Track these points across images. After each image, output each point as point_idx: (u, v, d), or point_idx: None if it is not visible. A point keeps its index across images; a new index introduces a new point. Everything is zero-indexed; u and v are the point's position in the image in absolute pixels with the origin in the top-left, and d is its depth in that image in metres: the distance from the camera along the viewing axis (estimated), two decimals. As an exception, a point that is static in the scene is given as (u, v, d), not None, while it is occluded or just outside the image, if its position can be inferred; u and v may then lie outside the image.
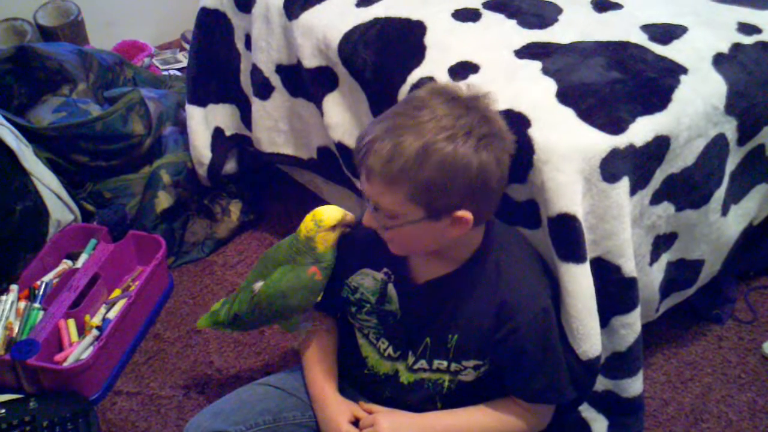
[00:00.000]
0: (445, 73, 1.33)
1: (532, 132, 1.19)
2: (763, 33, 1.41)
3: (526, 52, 1.35)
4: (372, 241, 1.14)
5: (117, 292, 1.71)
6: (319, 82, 1.54)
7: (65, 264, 1.74)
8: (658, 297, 1.40)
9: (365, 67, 1.44)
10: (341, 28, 1.48)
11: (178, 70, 2.47)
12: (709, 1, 1.51)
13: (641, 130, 1.21)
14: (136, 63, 2.41)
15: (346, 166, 1.58)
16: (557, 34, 1.40)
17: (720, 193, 1.37)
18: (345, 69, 1.48)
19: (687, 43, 1.37)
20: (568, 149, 1.17)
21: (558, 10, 1.47)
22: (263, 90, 1.69)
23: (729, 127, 1.33)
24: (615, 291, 1.23)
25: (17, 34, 2.34)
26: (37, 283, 1.68)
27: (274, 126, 1.72)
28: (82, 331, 1.60)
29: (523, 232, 1.27)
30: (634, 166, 1.20)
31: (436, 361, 1.18)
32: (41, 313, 1.61)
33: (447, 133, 0.98)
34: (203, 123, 1.85)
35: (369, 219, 1.09)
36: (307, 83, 1.58)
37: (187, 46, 2.41)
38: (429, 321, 1.17)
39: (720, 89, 1.30)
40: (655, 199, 1.28)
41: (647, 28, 1.40)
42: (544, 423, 1.23)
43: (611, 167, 1.17)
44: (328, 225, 1.17)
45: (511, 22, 1.44)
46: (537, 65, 1.31)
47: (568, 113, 1.22)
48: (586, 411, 1.34)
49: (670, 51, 1.34)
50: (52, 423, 1.43)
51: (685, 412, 1.50)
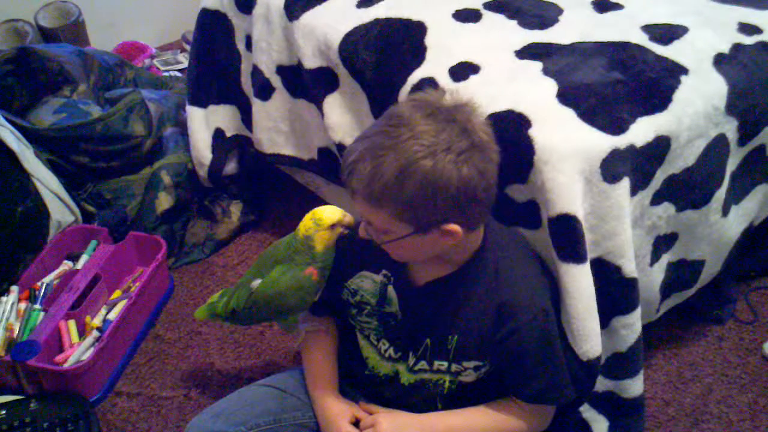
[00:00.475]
0: (446, 73, 1.34)
1: (533, 132, 1.19)
2: (763, 33, 1.41)
3: (527, 53, 1.36)
4: (370, 243, 1.14)
5: (117, 293, 1.71)
6: (319, 83, 1.54)
7: (66, 265, 1.74)
8: (658, 297, 1.40)
9: (366, 68, 1.44)
10: (342, 28, 1.48)
11: (179, 71, 2.47)
12: (710, 1, 1.51)
13: (642, 131, 1.21)
14: (137, 64, 2.41)
15: (346, 167, 1.58)
16: (558, 34, 1.40)
17: (720, 194, 1.37)
18: (345, 70, 1.48)
19: (688, 43, 1.37)
20: (569, 150, 1.17)
21: (559, 11, 1.47)
22: (264, 91, 1.69)
23: (730, 128, 1.33)
24: (615, 291, 1.23)
25: (18, 36, 2.34)
26: (38, 284, 1.68)
27: (275, 127, 1.72)
28: (82, 332, 1.60)
29: (524, 232, 1.27)
30: (634, 166, 1.20)
31: (436, 362, 1.18)
32: (42, 314, 1.61)
33: (426, 150, 0.98)
34: (204, 124, 1.85)
35: (363, 232, 1.11)
36: (307, 84, 1.58)
37: (188, 47, 2.41)
38: (429, 322, 1.17)
39: (721, 89, 1.30)
40: (656, 200, 1.28)
41: (648, 29, 1.40)
42: (545, 424, 1.23)
43: (612, 168, 1.17)
44: (326, 224, 1.18)
45: (512, 23, 1.44)
46: (538, 66, 1.31)
47: (569, 114, 1.22)
48: (587, 411, 1.34)
49: (671, 51, 1.34)
50: (52, 424, 1.43)
51: (686, 412, 1.50)
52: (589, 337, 1.19)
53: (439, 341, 1.17)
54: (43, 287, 1.67)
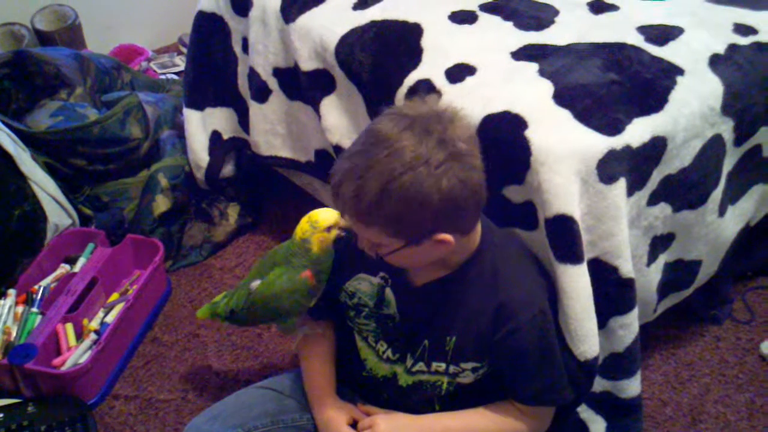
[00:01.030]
0: (442, 75, 1.34)
1: (529, 133, 1.19)
2: (759, 34, 1.41)
3: (523, 54, 1.36)
4: None
5: (115, 296, 1.71)
6: (316, 85, 1.55)
7: (63, 268, 1.74)
8: (655, 298, 1.40)
9: (362, 70, 1.44)
10: (338, 31, 1.48)
11: (176, 73, 2.47)
12: (705, 2, 1.51)
13: (638, 131, 1.21)
14: (134, 67, 2.41)
15: (343, 169, 1.58)
16: (554, 35, 1.40)
17: (717, 194, 1.37)
18: (342, 72, 1.48)
19: (683, 44, 1.37)
20: (565, 150, 1.17)
21: (554, 12, 1.47)
22: (261, 93, 1.69)
23: (725, 128, 1.33)
24: (613, 292, 1.23)
25: (15, 39, 2.34)
26: (35, 287, 1.68)
27: (272, 129, 1.72)
28: (80, 335, 1.59)
29: (521, 233, 1.27)
30: (630, 167, 1.20)
31: (434, 364, 1.18)
32: (39, 317, 1.60)
33: (404, 167, 0.98)
34: (201, 126, 1.85)
35: (361, 244, 1.12)
36: (304, 86, 1.58)
37: (185, 50, 2.41)
38: (427, 323, 1.17)
39: (716, 90, 1.31)
40: (652, 200, 1.28)
41: (643, 30, 1.41)
42: (544, 426, 1.23)
43: (608, 168, 1.17)
44: (323, 226, 1.18)
45: (508, 24, 1.44)
46: (534, 67, 1.32)
47: (565, 115, 1.22)
48: (585, 412, 1.35)
49: (667, 52, 1.35)
50: (50, 427, 1.43)
51: (684, 412, 1.50)
52: (586, 337, 1.19)
53: (437, 342, 1.17)
54: (41, 290, 1.67)
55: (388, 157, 0.99)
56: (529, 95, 1.26)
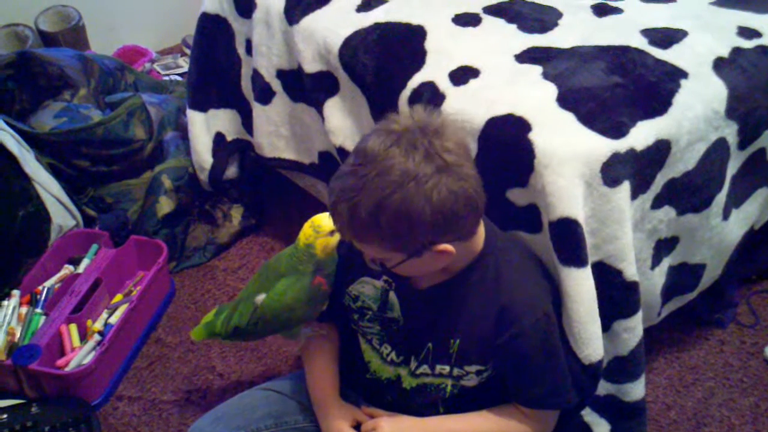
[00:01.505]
0: (446, 77, 1.34)
1: (533, 136, 1.19)
2: (763, 37, 1.41)
3: (527, 57, 1.36)
4: None
5: (119, 297, 1.71)
6: (319, 87, 1.55)
7: (67, 269, 1.74)
8: (659, 301, 1.40)
9: (366, 72, 1.44)
10: (342, 33, 1.48)
11: (179, 75, 2.48)
12: (709, 5, 1.51)
13: (642, 135, 1.21)
14: (137, 68, 2.41)
15: (347, 171, 1.58)
16: (558, 38, 1.40)
17: (721, 197, 1.37)
18: (345, 74, 1.48)
19: (687, 47, 1.37)
20: (569, 153, 1.17)
21: (558, 15, 1.47)
22: (264, 95, 1.69)
23: (729, 131, 1.33)
24: (617, 295, 1.23)
25: (18, 40, 2.34)
26: (39, 288, 1.68)
27: (276, 131, 1.73)
28: (83, 336, 1.60)
29: (524, 236, 1.27)
30: (634, 170, 1.20)
31: (438, 366, 1.18)
32: (43, 318, 1.61)
33: (393, 185, 0.98)
34: (204, 128, 1.85)
35: (367, 260, 1.11)
36: (307, 88, 1.58)
37: (188, 51, 2.41)
38: (431, 326, 1.17)
39: (720, 93, 1.30)
40: (657, 204, 1.28)
41: (647, 33, 1.41)
42: (548, 429, 1.23)
43: (612, 171, 1.17)
44: (326, 230, 1.18)
45: (512, 27, 1.44)
46: (538, 70, 1.32)
47: (569, 117, 1.22)
48: (588, 415, 1.34)
49: (671, 55, 1.34)
50: (53, 428, 1.43)
51: (688, 416, 1.50)
52: (590, 340, 1.19)
53: (442, 345, 1.17)
54: (45, 291, 1.67)
55: (377, 177, 0.99)
56: (533, 98, 1.26)
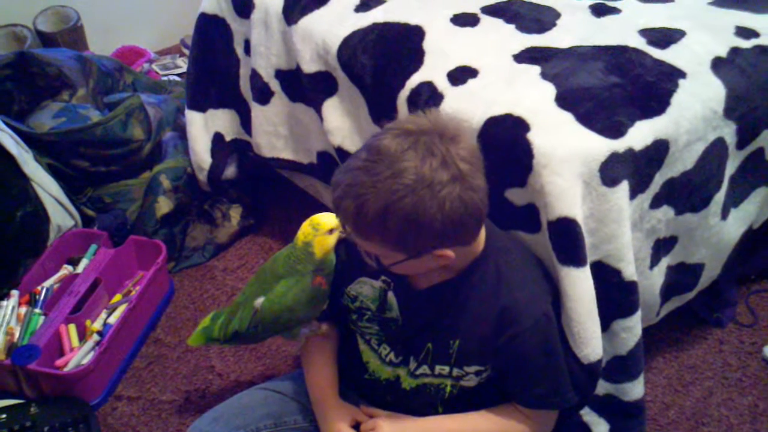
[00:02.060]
0: (444, 78, 1.34)
1: (532, 136, 1.19)
2: (761, 37, 1.41)
3: (525, 57, 1.36)
4: None
5: (118, 297, 1.71)
6: (318, 87, 1.55)
7: (66, 269, 1.74)
8: (658, 301, 1.40)
9: (364, 72, 1.44)
10: (340, 33, 1.48)
11: (178, 75, 2.47)
12: (707, 5, 1.51)
13: (640, 134, 1.21)
14: (136, 68, 2.41)
15: (346, 171, 1.58)
16: (556, 38, 1.40)
17: (720, 197, 1.37)
18: (344, 74, 1.48)
19: (685, 47, 1.37)
20: (568, 153, 1.17)
21: (556, 15, 1.47)
22: (263, 95, 1.69)
23: (728, 131, 1.33)
24: (615, 295, 1.23)
25: (17, 40, 2.34)
26: (38, 288, 1.68)
27: (274, 131, 1.73)
28: (82, 336, 1.60)
29: (523, 236, 1.27)
30: (633, 170, 1.20)
31: (438, 367, 1.18)
32: (42, 318, 1.61)
33: (406, 189, 0.98)
34: (203, 128, 1.85)
35: (362, 254, 1.11)
36: (306, 88, 1.58)
37: (187, 52, 2.41)
38: (430, 326, 1.17)
39: (719, 93, 1.31)
40: (655, 203, 1.28)
41: (645, 33, 1.41)
42: (547, 429, 1.23)
43: (611, 171, 1.17)
44: (325, 228, 1.18)
45: (510, 27, 1.44)
46: (536, 70, 1.32)
47: (567, 117, 1.22)
48: (587, 415, 1.34)
49: (669, 55, 1.34)
50: (53, 428, 1.43)
51: (686, 415, 1.50)
52: (589, 340, 1.19)
53: (441, 346, 1.17)
54: (44, 291, 1.67)
55: (389, 178, 0.98)
56: (532, 98, 1.26)
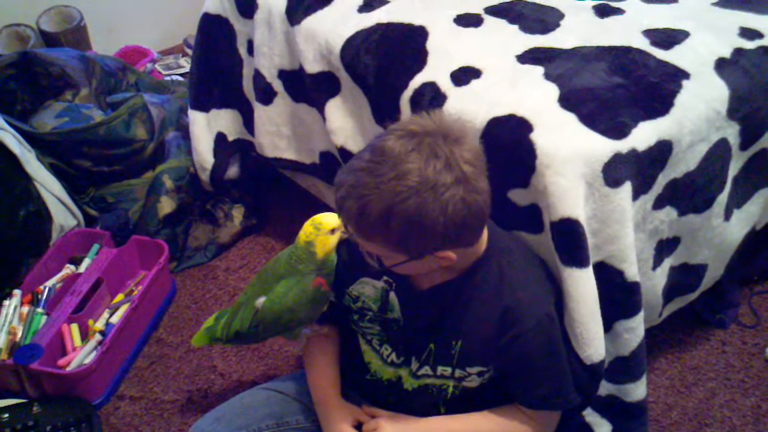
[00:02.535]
0: (448, 78, 1.34)
1: (535, 137, 1.19)
2: (765, 38, 1.41)
3: (529, 57, 1.36)
4: None
5: (120, 297, 1.71)
6: (321, 88, 1.55)
7: (68, 269, 1.74)
8: (661, 301, 1.40)
9: (367, 73, 1.44)
10: (343, 33, 1.48)
11: (181, 75, 2.48)
12: (711, 5, 1.51)
13: (643, 135, 1.21)
14: (139, 68, 2.41)
15: (348, 171, 1.58)
16: (559, 39, 1.40)
17: (722, 198, 1.37)
18: (347, 74, 1.48)
19: (689, 47, 1.37)
20: (571, 154, 1.17)
21: (560, 16, 1.47)
22: (266, 95, 1.69)
23: (731, 132, 1.33)
24: (618, 295, 1.23)
25: (20, 40, 2.34)
26: (40, 287, 1.68)
27: (277, 131, 1.73)
28: (85, 335, 1.60)
29: (526, 236, 1.27)
30: (636, 170, 1.20)
31: (440, 368, 1.18)
32: (44, 317, 1.61)
33: (409, 191, 0.97)
34: (206, 128, 1.86)
35: (364, 253, 1.11)
36: (309, 88, 1.58)
37: (190, 52, 2.42)
38: (433, 327, 1.17)
39: (722, 94, 1.30)
40: (658, 204, 1.28)
41: (649, 33, 1.41)
42: (550, 429, 1.23)
43: (614, 172, 1.17)
44: (327, 228, 1.18)
45: (513, 28, 1.44)
46: (539, 70, 1.32)
47: (571, 118, 1.22)
48: (590, 415, 1.34)
49: (672, 56, 1.34)
50: (55, 428, 1.43)
51: (689, 416, 1.50)
52: (592, 341, 1.19)
53: (443, 346, 1.16)
54: (46, 291, 1.67)
55: (393, 180, 0.98)
56: (535, 98, 1.26)
